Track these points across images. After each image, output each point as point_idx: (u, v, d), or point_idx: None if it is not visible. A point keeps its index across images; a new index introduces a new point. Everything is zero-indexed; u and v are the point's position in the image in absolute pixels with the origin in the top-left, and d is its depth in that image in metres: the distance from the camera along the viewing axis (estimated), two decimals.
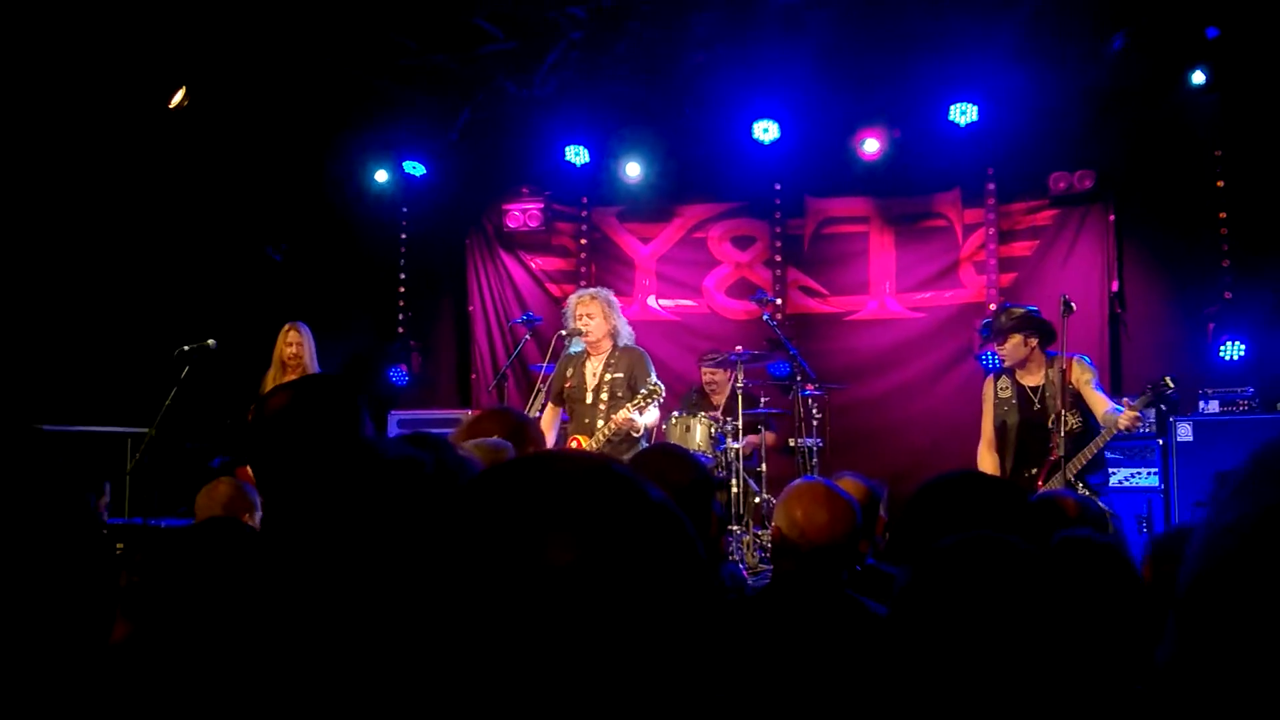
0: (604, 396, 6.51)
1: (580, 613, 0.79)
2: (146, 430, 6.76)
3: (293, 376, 6.69)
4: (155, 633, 1.87)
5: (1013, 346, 6.12)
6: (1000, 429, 6.27)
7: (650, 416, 6.48)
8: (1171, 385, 5.81)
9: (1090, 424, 5.99)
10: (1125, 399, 5.89)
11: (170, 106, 8.30)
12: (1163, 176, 8.36)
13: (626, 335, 6.76)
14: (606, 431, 6.34)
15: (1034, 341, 6.10)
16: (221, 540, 2.02)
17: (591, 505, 0.83)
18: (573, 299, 6.87)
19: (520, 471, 0.88)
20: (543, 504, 0.83)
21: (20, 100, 7.87)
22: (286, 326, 6.95)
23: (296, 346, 6.82)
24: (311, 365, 6.83)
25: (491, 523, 0.83)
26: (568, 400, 6.71)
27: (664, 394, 6.45)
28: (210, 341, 6.97)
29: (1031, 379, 6.15)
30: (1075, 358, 6.14)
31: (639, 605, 0.80)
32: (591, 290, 6.90)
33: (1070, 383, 6.01)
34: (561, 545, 0.80)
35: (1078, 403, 6.00)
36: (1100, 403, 5.92)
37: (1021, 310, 6.22)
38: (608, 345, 6.65)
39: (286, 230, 9.65)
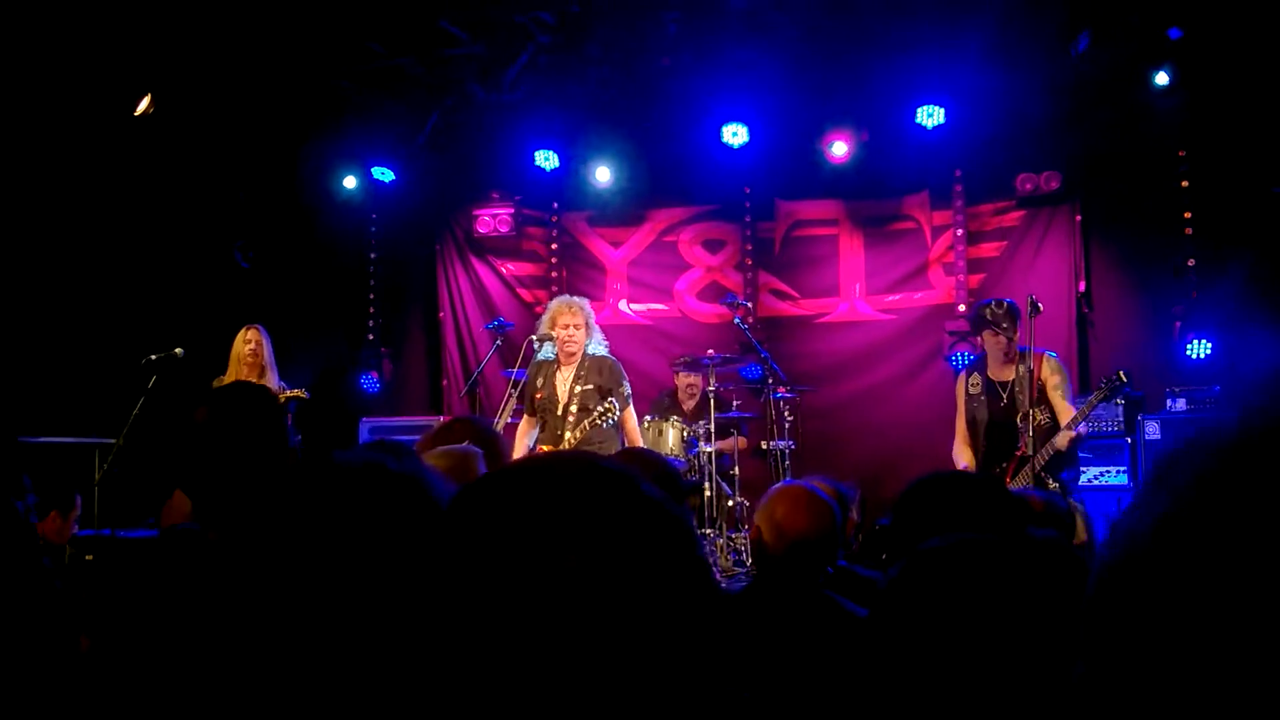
0: (574, 408, 6.47)
1: (591, 614, 0.78)
2: (114, 441, 6.68)
3: (249, 377, 6.70)
4: (112, 643, 1.85)
5: (990, 342, 6.16)
6: (971, 424, 6.32)
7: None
8: (1125, 379, 5.87)
9: (1057, 420, 6.05)
10: (1080, 400, 5.94)
11: (136, 114, 8.23)
12: (1128, 177, 8.44)
13: (597, 347, 6.73)
14: (572, 443, 6.32)
15: (1008, 335, 6.14)
16: (181, 549, 1.99)
17: (592, 505, 0.83)
18: (555, 305, 6.77)
19: (517, 477, 0.87)
20: (544, 508, 0.82)
21: None
22: (245, 327, 6.94)
23: (255, 344, 6.79)
24: (269, 367, 6.79)
25: (494, 531, 0.82)
26: (540, 411, 6.66)
27: (619, 412, 6.38)
28: (178, 350, 6.90)
29: (1002, 374, 6.20)
30: (1045, 354, 6.18)
31: (649, 602, 0.80)
32: (577, 300, 6.78)
33: (1039, 379, 6.05)
34: (568, 548, 0.80)
35: (1042, 398, 6.04)
36: (1064, 411, 5.98)
37: (1009, 304, 6.22)
38: (579, 356, 6.62)
39: (254, 237, 9.58)
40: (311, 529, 1.14)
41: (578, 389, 6.50)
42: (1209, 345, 7.95)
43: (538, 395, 6.63)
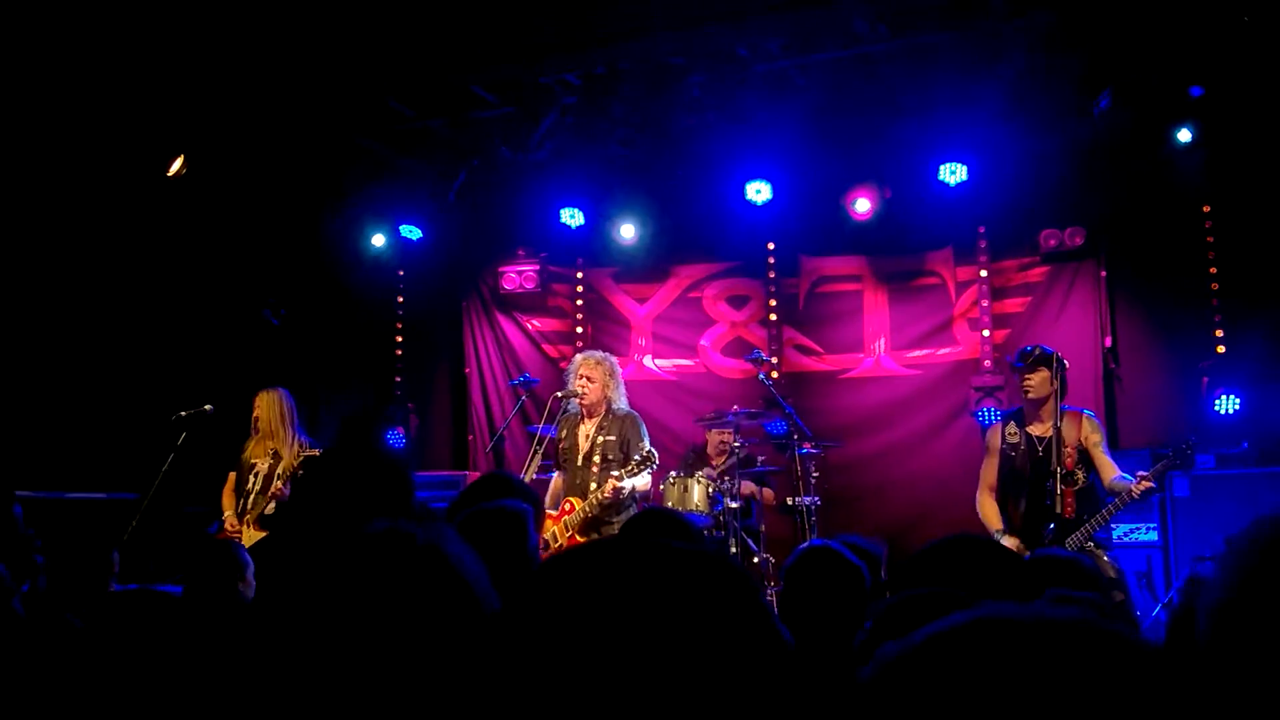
0: (596, 459, 6.55)
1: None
2: (143, 497, 6.74)
3: (265, 441, 6.86)
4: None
5: (1040, 381, 6.07)
6: (1007, 477, 6.21)
7: (641, 480, 6.50)
8: (1191, 448, 5.83)
9: (1095, 480, 5.98)
10: (1139, 473, 5.84)
11: (169, 174, 8.38)
12: (1153, 232, 8.43)
13: (622, 403, 6.81)
14: (599, 496, 6.35)
15: (1056, 385, 6.08)
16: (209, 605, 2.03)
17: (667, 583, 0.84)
18: (578, 359, 6.95)
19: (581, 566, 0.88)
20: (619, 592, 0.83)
21: (20, 169, 7.94)
22: (259, 393, 7.05)
23: (257, 411, 6.94)
24: (279, 428, 6.89)
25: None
26: (562, 462, 6.73)
27: (657, 461, 6.48)
28: (207, 407, 7.01)
29: (1039, 428, 6.14)
30: (1085, 414, 6.14)
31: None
32: (599, 355, 6.96)
33: (1080, 439, 6.00)
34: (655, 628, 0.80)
35: (1083, 459, 5.99)
36: (1108, 467, 5.91)
37: (1053, 352, 6.20)
38: (601, 410, 6.71)
39: (284, 295, 9.69)
40: (334, 598, 1.17)
41: (600, 439, 6.58)
42: (1237, 400, 7.89)
43: (561, 445, 6.73)
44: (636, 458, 6.38)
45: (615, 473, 6.36)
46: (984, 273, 9.03)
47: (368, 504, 2.24)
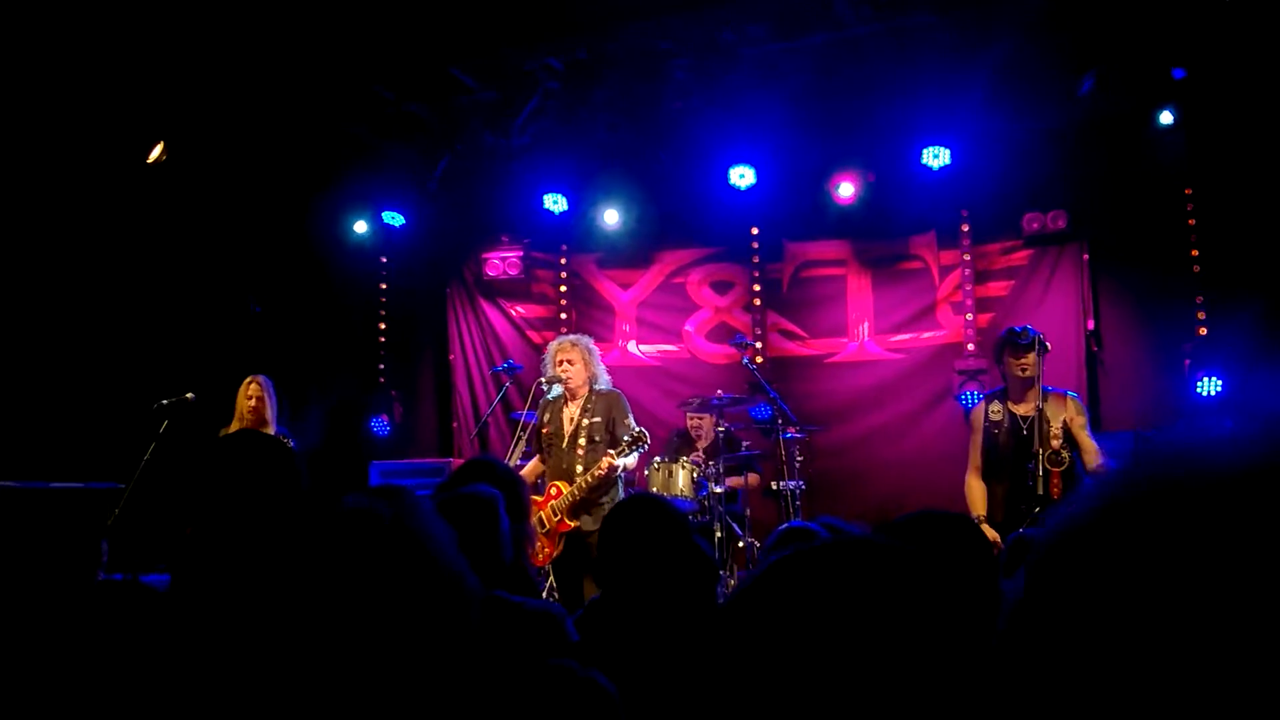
0: (581, 441, 6.52)
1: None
2: (125, 486, 6.70)
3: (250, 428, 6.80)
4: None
5: (1034, 361, 6.12)
6: (990, 453, 6.22)
7: (632, 459, 6.50)
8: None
9: (1077, 461, 6.01)
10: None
11: (149, 161, 8.32)
12: (1135, 215, 8.44)
13: (604, 381, 6.79)
14: (588, 479, 6.34)
15: (1041, 367, 6.12)
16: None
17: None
18: (553, 345, 6.90)
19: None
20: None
21: (1, 158, 7.89)
22: (248, 379, 7.03)
23: (256, 400, 6.90)
24: (270, 421, 6.87)
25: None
26: (546, 445, 6.71)
27: (649, 440, 6.47)
28: (189, 395, 6.97)
29: (1023, 408, 6.16)
30: (1070, 396, 6.17)
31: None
32: (572, 337, 6.93)
33: (1066, 420, 6.03)
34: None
35: (1068, 440, 6.01)
36: (1090, 450, 5.94)
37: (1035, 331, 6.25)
38: (584, 391, 6.68)
39: (266, 282, 9.65)
40: (306, 575, 1.18)
41: (585, 421, 6.55)
42: (1219, 382, 7.91)
43: (544, 430, 6.70)
44: (627, 438, 6.36)
45: (611, 451, 6.35)
46: (967, 256, 9.04)
47: (256, 487, 2.28)
